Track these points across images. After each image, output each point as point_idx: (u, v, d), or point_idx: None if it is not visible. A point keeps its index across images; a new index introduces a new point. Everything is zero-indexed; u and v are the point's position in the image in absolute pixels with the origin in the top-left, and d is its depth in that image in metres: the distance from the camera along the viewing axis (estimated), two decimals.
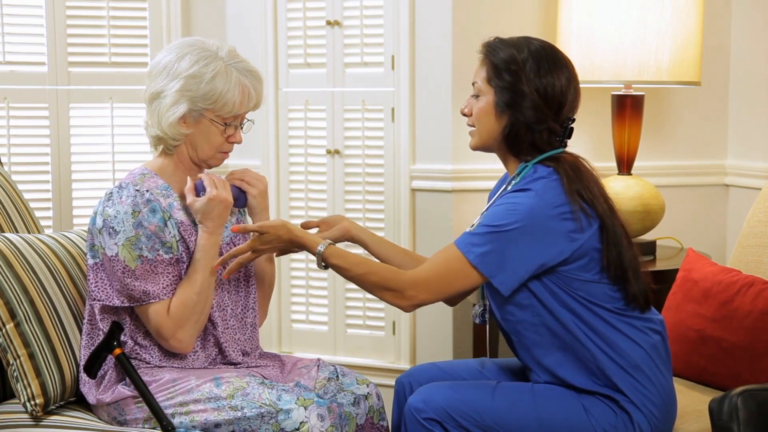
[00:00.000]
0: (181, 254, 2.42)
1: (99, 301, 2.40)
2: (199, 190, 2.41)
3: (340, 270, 2.37)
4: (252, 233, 2.41)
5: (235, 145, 2.52)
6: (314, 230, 2.60)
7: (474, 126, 2.40)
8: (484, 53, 2.38)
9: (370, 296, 3.66)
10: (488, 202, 2.52)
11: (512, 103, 2.32)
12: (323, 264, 2.38)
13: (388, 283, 2.32)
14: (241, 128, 2.49)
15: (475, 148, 2.43)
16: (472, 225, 2.43)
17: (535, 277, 2.29)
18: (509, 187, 2.34)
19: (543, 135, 2.34)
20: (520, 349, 2.40)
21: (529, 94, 2.31)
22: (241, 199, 2.53)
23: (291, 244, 2.41)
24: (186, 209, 2.45)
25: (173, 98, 2.39)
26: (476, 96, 2.39)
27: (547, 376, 2.36)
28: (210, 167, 2.51)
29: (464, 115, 2.41)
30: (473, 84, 2.40)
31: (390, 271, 2.35)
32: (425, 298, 2.31)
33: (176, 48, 2.44)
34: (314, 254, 2.38)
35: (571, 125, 2.37)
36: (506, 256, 2.25)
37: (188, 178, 2.44)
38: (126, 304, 2.37)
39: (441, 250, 2.33)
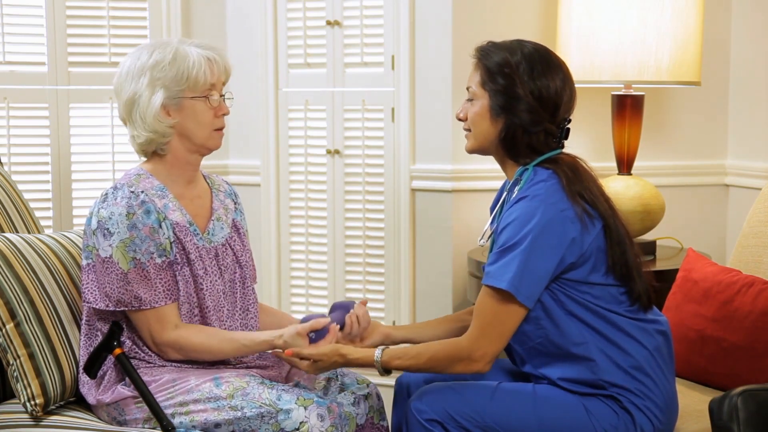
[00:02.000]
0: (176, 256, 2.41)
1: (87, 303, 2.40)
2: (312, 335, 2.39)
3: (405, 369, 2.37)
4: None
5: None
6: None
7: (470, 129, 2.40)
8: (477, 57, 2.38)
9: (369, 295, 3.67)
10: (491, 213, 2.51)
11: (507, 106, 2.32)
12: (383, 369, 2.37)
13: (453, 356, 2.30)
14: (224, 101, 2.48)
15: (471, 151, 2.43)
16: (481, 237, 2.43)
17: None
18: (514, 195, 2.33)
19: (539, 137, 2.34)
20: (519, 359, 2.40)
21: (524, 97, 2.31)
22: (340, 323, 2.50)
23: (346, 366, 2.42)
24: (182, 210, 2.44)
25: (148, 92, 2.40)
26: (471, 100, 2.39)
27: (547, 383, 2.35)
28: (210, 150, 2.49)
29: (460, 119, 2.41)
30: (468, 88, 2.40)
31: (449, 345, 2.33)
32: (493, 351, 2.29)
33: (129, 56, 2.46)
34: (373, 367, 2.37)
35: (568, 125, 2.37)
36: (529, 270, 2.23)
37: (330, 318, 2.44)
38: (111, 308, 2.37)
39: (478, 299, 2.31)
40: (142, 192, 2.39)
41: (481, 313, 2.29)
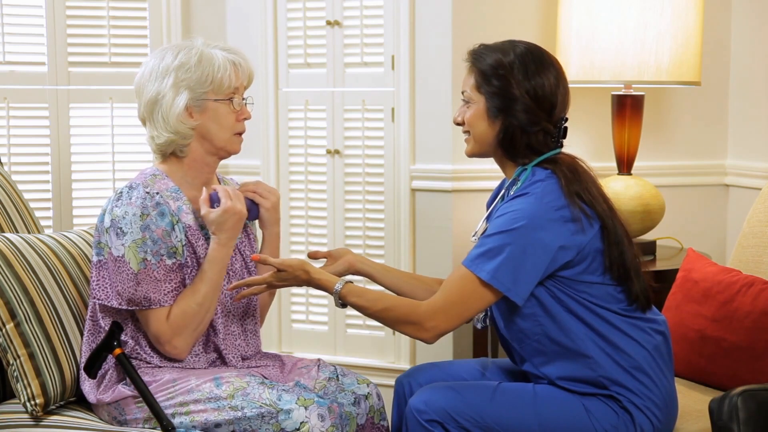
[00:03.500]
0: (186, 259, 2.41)
1: (98, 299, 2.40)
2: (213, 201, 2.40)
3: (358, 308, 2.36)
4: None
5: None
6: (321, 261, 2.58)
7: (469, 132, 2.40)
8: (470, 61, 2.38)
9: None
10: (487, 209, 2.51)
11: (504, 107, 2.32)
12: (340, 302, 2.37)
13: (407, 317, 2.30)
14: (245, 105, 2.49)
15: (471, 155, 2.43)
16: (474, 234, 2.43)
17: (539, 283, 2.28)
18: (511, 192, 2.33)
19: (538, 136, 2.34)
20: (519, 358, 2.40)
21: (520, 97, 2.31)
22: (253, 211, 2.52)
23: (308, 285, 2.41)
24: (195, 213, 2.44)
25: (172, 92, 2.40)
26: (467, 104, 2.39)
27: (547, 383, 2.36)
28: (230, 153, 2.49)
29: (457, 124, 2.41)
30: (463, 93, 2.40)
31: (407, 305, 2.33)
32: (445, 327, 2.29)
33: (153, 56, 2.46)
34: (331, 294, 2.37)
35: (565, 124, 2.37)
36: (516, 266, 2.23)
37: (204, 189, 2.43)
38: (123, 307, 2.37)
39: (452, 274, 2.31)
40: (157, 193, 2.39)
41: (450, 290, 2.29)
